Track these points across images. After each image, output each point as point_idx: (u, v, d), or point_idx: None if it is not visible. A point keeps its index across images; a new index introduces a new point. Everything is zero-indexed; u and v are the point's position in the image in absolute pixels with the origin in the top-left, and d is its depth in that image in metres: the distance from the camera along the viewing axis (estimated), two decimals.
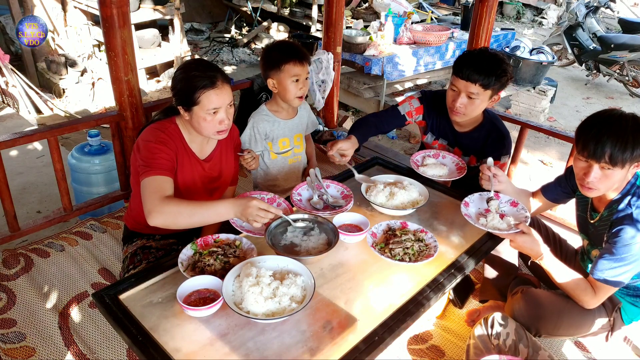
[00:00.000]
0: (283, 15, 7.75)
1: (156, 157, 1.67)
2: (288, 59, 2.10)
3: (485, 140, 2.19)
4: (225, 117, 1.74)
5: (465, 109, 2.04)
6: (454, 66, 2.04)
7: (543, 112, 5.48)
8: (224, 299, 1.32)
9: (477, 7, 3.05)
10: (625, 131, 1.49)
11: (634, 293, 1.77)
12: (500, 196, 1.87)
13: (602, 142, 1.50)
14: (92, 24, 5.62)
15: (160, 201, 1.56)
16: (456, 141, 2.29)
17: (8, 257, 2.32)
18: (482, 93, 1.99)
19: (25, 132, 2.41)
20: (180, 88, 1.70)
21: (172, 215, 1.54)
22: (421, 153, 2.23)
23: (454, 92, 2.04)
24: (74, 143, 3.88)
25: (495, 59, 1.99)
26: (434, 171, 2.09)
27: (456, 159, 2.19)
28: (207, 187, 1.94)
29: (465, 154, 2.28)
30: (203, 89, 1.66)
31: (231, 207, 1.56)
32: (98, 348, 1.90)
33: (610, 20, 9.77)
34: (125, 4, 2.38)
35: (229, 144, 2.00)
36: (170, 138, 1.76)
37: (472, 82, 1.96)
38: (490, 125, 2.18)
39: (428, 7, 7.25)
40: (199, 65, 1.73)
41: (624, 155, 1.49)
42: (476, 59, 1.99)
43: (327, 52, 3.62)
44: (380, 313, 1.42)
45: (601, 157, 1.51)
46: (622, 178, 1.58)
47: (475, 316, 2.07)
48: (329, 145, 2.03)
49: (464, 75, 1.97)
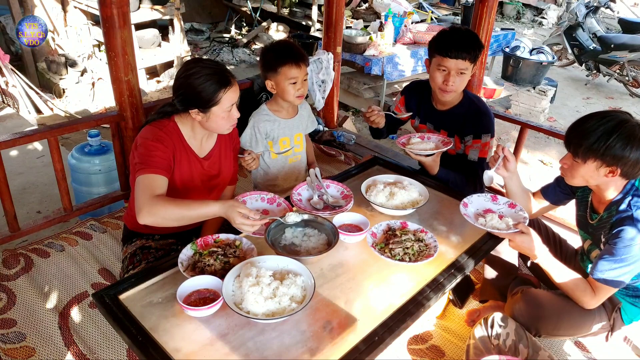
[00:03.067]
0: (283, 15, 7.75)
1: (152, 155, 1.67)
2: (284, 62, 2.08)
3: (465, 117, 2.23)
4: (236, 111, 1.78)
5: (457, 86, 2.13)
6: (436, 49, 2.11)
7: (543, 112, 5.48)
8: (224, 299, 1.32)
9: (477, 7, 3.05)
10: (603, 131, 1.53)
11: (634, 293, 1.77)
12: (498, 198, 1.87)
13: (577, 129, 1.60)
14: (92, 24, 5.62)
15: (150, 200, 1.55)
16: (440, 122, 2.33)
17: (8, 257, 2.32)
18: (469, 67, 2.09)
19: (25, 132, 2.41)
20: (201, 90, 1.67)
21: (161, 214, 1.54)
22: (406, 137, 2.25)
23: (443, 72, 2.11)
24: (74, 143, 3.88)
25: (471, 34, 2.14)
26: (420, 146, 2.11)
27: (440, 137, 2.22)
28: (206, 185, 1.94)
29: (450, 134, 2.31)
30: (225, 88, 1.68)
31: (219, 208, 1.56)
32: (98, 348, 1.90)
33: (610, 20, 9.77)
34: (125, 4, 2.37)
35: (227, 143, 1.99)
36: (168, 136, 1.75)
37: (462, 59, 2.05)
38: (469, 103, 2.25)
39: (428, 7, 7.26)
40: (208, 66, 1.71)
41: (580, 147, 1.56)
42: (457, 36, 2.08)
43: (327, 52, 3.62)
44: (380, 313, 1.42)
45: (569, 146, 1.63)
46: (590, 175, 1.62)
47: (475, 316, 2.07)
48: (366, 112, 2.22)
49: (453, 55, 2.05)
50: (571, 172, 1.66)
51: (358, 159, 3.44)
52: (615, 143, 1.50)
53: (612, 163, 1.54)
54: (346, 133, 3.77)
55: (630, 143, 1.50)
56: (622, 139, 1.50)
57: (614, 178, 1.59)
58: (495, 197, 1.88)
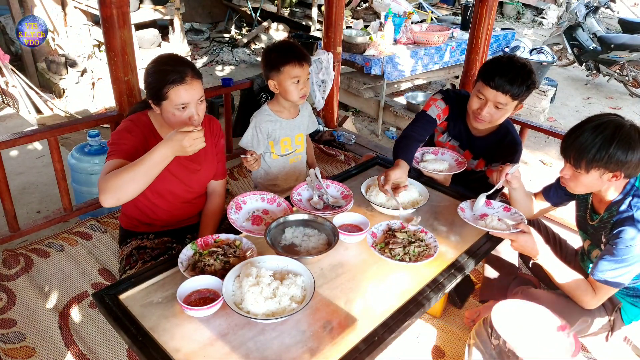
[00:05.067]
0: (283, 15, 7.75)
1: (119, 144, 1.68)
2: (287, 61, 2.09)
3: (498, 146, 2.17)
4: (194, 113, 1.70)
5: (491, 118, 2.01)
6: (481, 74, 1.98)
7: (543, 112, 5.48)
8: (224, 299, 1.32)
9: (477, 7, 3.05)
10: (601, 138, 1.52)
11: (634, 293, 1.77)
12: (492, 202, 1.89)
13: (574, 142, 1.58)
14: (92, 24, 5.62)
15: (103, 178, 1.55)
16: (469, 144, 2.26)
17: (8, 257, 2.32)
18: (510, 103, 1.96)
19: (25, 132, 2.41)
20: (150, 82, 1.68)
21: (114, 184, 1.51)
22: (420, 150, 2.22)
23: (480, 100, 2.00)
24: (74, 143, 3.88)
25: (525, 69, 1.93)
26: (434, 166, 2.08)
27: (455, 154, 2.17)
28: (184, 179, 1.88)
29: (475, 157, 2.27)
30: (172, 84, 1.63)
31: (168, 147, 1.51)
32: (98, 348, 1.90)
33: (610, 20, 9.77)
34: (125, 4, 2.38)
35: (208, 137, 1.90)
36: (139, 128, 1.75)
37: (502, 93, 1.92)
38: (505, 132, 2.16)
39: (428, 7, 7.26)
40: (169, 60, 1.70)
41: (582, 159, 1.55)
42: (507, 68, 1.92)
43: (327, 52, 3.62)
44: (380, 313, 1.42)
45: (568, 159, 1.61)
46: (594, 183, 1.61)
47: (475, 316, 2.07)
48: (380, 178, 1.89)
49: (494, 85, 1.91)
50: (574, 182, 1.65)
51: (358, 159, 3.44)
52: (616, 151, 1.51)
53: (616, 169, 1.55)
54: (346, 133, 3.77)
55: (631, 147, 1.51)
56: (622, 145, 1.50)
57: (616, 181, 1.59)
58: (489, 202, 1.90)
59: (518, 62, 1.95)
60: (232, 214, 1.75)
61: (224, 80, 3.19)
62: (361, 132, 4.91)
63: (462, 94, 2.24)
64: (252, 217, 1.79)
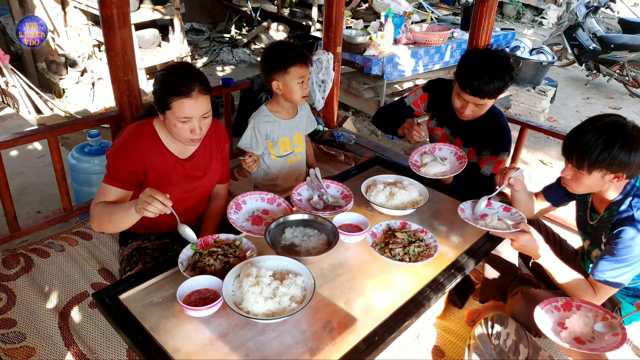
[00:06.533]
0: (283, 15, 7.75)
1: (114, 168, 1.71)
2: (294, 62, 2.09)
3: (486, 132, 2.19)
4: (197, 127, 1.68)
5: (474, 115, 2.07)
6: (458, 78, 1.98)
7: (543, 112, 5.48)
8: (224, 299, 1.32)
9: (477, 7, 3.05)
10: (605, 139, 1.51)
11: (634, 294, 1.77)
12: (492, 202, 1.89)
13: (576, 143, 1.57)
14: (92, 24, 5.62)
15: (93, 207, 1.69)
16: (458, 129, 2.29)
17: (8, 257, 2.32)
18: (488, 102, 2.01)
19: (25, 132, 2.42)
20: (157, 89, 1.67)
21: (97, 220, 1.68)
22: (417, 152, 2.19)
23: (461, 100, 2.03)
24: (74, 143, 3.87)
25: (500, 66, 1.92)
26: (435, 170, 2.07)
27: (453, 148, 2.17)
28: (187, 187, 1.89)
29: (465, 144, 2.28)
30: (177, 96, 1.61)
31: (131, 205, 1.54)
32: (98, 348, 1.90)
33: (610, 20, 9.77)
34: (125, 4, 2.38)
35: (213, 142, 1.94)
36: (135, 143, 1.73)
37: (480, 97, 1.95)
38: (492, 118, 2.18)
39: (428, 7, 7.26)
40: (180, 71, 1.69)
41: (584, 161, 1.55)
42: (482, 69, 1.91)
43: (327, 52, 3.62)
44: (380, 313, 1.42)
45: (570, 160, 1.61)
46: (596, 183, 1.61)
47: (475, 316, 2.07)
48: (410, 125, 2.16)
49: (471, 91, 1.93)
50: (575, 182, 1.65)
51: (358, 159, 3.44)
52: (619, 152, 1.50)
53: (618, 170, 1.55)
54: (346, 133, 3.77)
55: (634, 149, 1.51)
56: (625, 147, 1.50)
57: (618, 182, 1.59)
58: (490, 202, 1.90)
59: (492, 59, 1.94)
60: (232, 214, 1.75)
61: (224, 80, 3.20)
62: (361, 132, 4.90)
63: (445, 81, 2.30)
64: (252, 217, 1.79)
